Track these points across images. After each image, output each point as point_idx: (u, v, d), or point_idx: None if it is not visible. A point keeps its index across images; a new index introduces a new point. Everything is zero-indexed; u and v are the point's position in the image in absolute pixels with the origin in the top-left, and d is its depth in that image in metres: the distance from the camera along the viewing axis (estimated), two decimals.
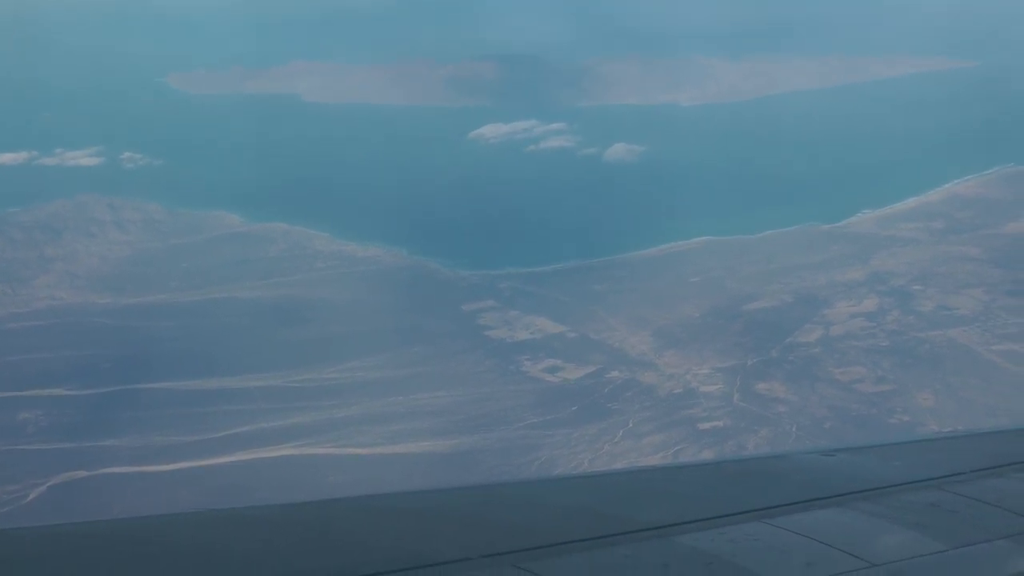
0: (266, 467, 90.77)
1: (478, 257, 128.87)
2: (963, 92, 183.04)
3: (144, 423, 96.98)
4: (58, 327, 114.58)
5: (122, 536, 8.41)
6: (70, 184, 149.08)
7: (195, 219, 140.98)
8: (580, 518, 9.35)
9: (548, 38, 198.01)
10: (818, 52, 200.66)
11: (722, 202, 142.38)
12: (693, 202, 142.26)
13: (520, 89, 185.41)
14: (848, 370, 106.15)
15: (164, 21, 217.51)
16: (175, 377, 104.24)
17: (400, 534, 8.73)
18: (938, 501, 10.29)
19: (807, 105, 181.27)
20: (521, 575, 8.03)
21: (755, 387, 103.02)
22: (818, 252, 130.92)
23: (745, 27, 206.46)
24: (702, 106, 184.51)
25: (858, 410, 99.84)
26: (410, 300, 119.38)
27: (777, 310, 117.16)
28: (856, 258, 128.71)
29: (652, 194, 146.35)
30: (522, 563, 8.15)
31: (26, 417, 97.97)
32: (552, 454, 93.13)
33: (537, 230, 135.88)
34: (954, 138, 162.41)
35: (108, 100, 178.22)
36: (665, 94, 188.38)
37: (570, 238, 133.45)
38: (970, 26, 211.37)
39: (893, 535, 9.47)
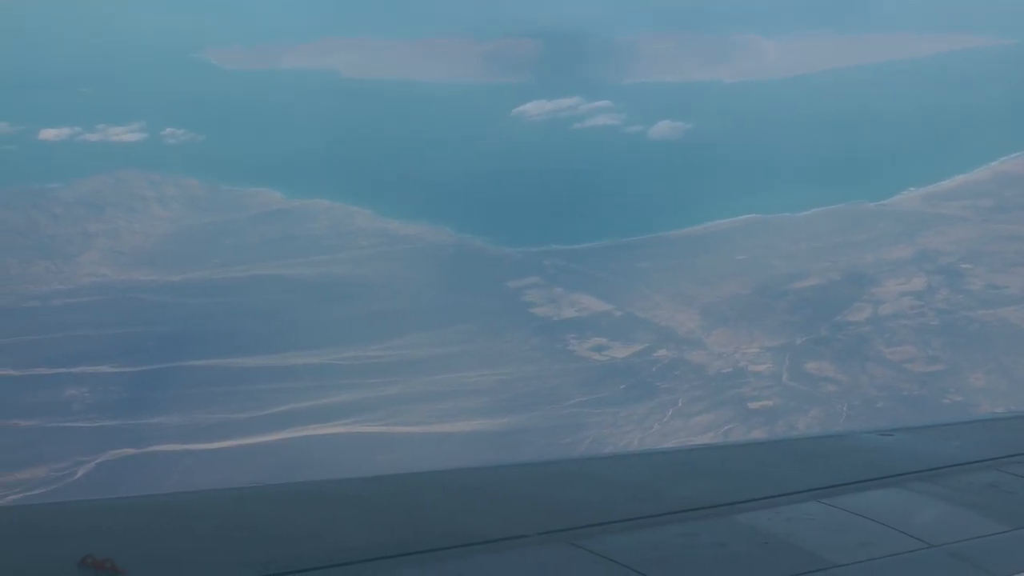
0: (314, 445, 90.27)
1: (523, 234, 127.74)
2: (1006, 70, 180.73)
3: (191, 400, 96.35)
4: (103, 304, 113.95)
5: (178, 509, 8.46)
6: (113, 160, 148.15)
7: (236, 195, 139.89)
8: (636, 496, 9.41)
9: (586, 14, 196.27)
10: (858, 29, 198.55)
11: (766, 180, 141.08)
12: (737, 180, 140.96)
13: (561, 66, 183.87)
14: (898, 349, 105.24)
15: None
16: (221, 354, 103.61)
17: (457, 511, 8.78)
18: (996, 482, 10.34)
19: (848, 83, 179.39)
20: (578, 552, 8.04)
21: (805, 366, 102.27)
22: (864, 230, 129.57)
23: (785, 3, 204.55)
24: (743, 83, 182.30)
25: (910, 390, 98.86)
26: (455, 277, 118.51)
27: (824, 288, 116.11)
28: (903, 236, 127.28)
29: (696, 172, 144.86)
30: (578, 540, 8.18)
31: (72, 394, 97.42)
32: (600, 433, 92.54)
33: (581, 207, 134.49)
34: (999, 116, 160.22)
35: (147, 76, 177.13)
36: (706, 71, 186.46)
37: (614, 215, 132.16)
38: (1012, 3, 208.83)
39: (951, 516, 9.51)
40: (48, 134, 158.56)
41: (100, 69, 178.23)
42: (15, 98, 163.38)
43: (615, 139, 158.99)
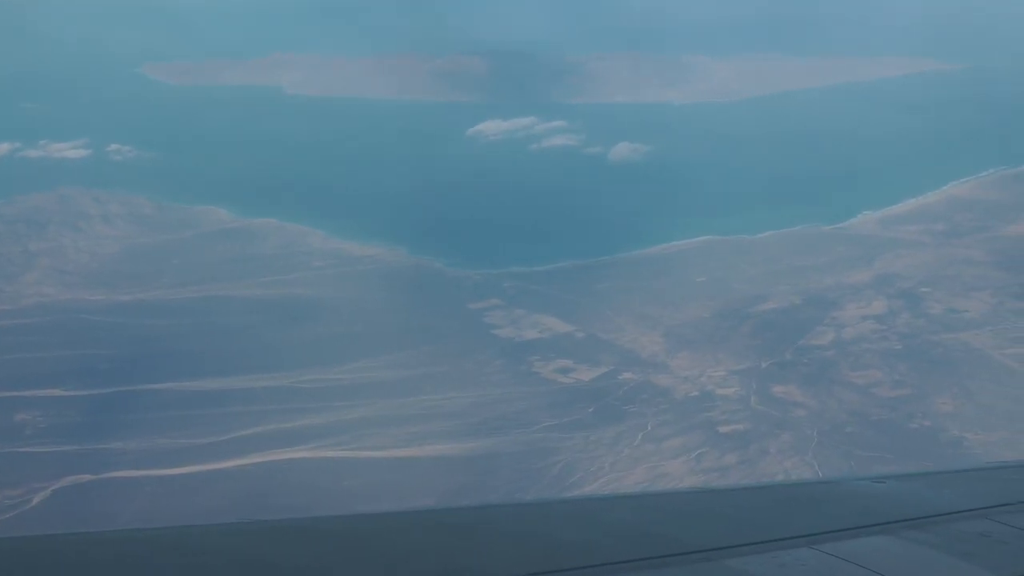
0: (280, 470, 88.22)
1: (481, 256, 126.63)
2: (953, 94, 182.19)
3: (148, 425, 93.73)
4: (50, 325, 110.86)
5: (165, 543, 8.37)
6: (55, 177, 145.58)
7: (184, 214, 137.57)
8: (629, 538, 9.39)
9: (535, 33, 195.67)
10: (806, 52, 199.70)
11: (721, 202, 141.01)
12: (692, 201, 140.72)
13: (512, 85, 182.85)
14: (864, 373, 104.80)
15: (137, 9, 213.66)
16: (177, 377, 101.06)
17: (447, 550, 8.72)
18: (988, 531, 10.42)
19: (798, 105, 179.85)
20: None
21: (772, 390, 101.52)
22: (822, 253, 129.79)
23: (732, 25, 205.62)
24: (694, 105, 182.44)
25: (878, 414, 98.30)
26: (414, 299, 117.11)
27: (786, 311, 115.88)
28: (861, 260, 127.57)
29: (651, 193, 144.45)
30: None
31: (24, 419, 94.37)
32: (571, 458, 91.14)
33: (540, 229, 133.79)
34: (947, 140, 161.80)
35: (90, 91, 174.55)
36: (657, 92, 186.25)
37: (573, 237, 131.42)
38: (959, 28, 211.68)
39: (942, 564, 9.54)
40: None
41: (42, 84, 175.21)
42: None
43: (574, 160, 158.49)
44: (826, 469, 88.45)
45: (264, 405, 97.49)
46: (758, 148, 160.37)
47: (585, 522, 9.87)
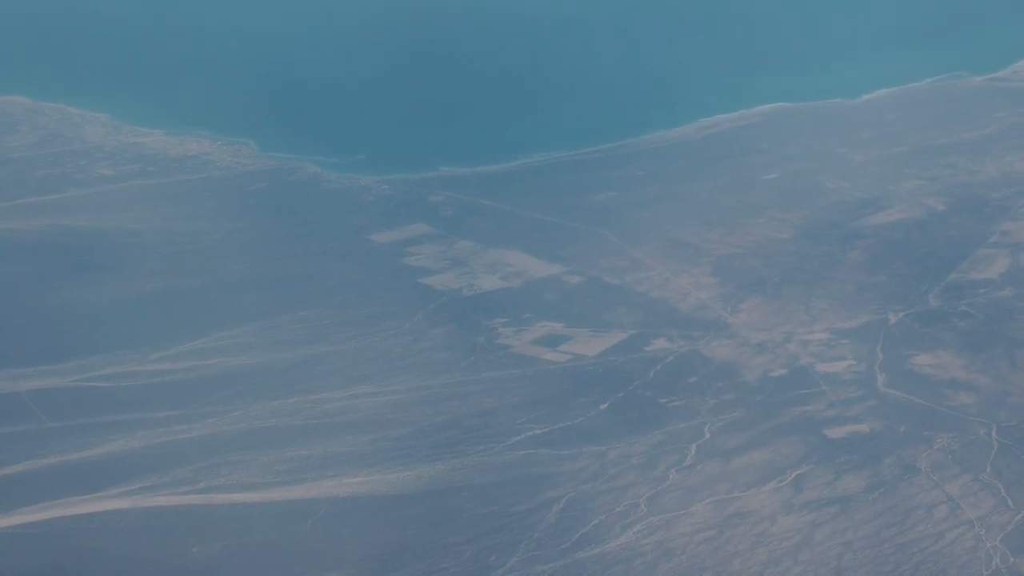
0: (77, 534, 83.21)
1: (389, 151, 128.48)
2: None
3: None
4: None
5: None
6: None
7: None
8: None
9: None
10: None
11: (798, 50, 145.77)
12: (750, 51, 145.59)
13: None
14: None
15: None
16: None
17: None
18: None
19: None
20: None
21: (910, 361, 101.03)
22: (970, 122, 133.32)
23: None
24: None
25: None
26: (277, 228, 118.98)
27: (923, 224, 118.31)
28: None
29: (684, 38, 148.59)
30: None
31: None
32: (577, 492, 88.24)
33: (491, 101, 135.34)
34: None
35: None
36: None
37: (547, 113, 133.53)
38: None
39: None
40: None
41: None
42: None
43: None
44: (1021, 495, 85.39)
45: (35, 421, 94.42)
46: None
47: None
